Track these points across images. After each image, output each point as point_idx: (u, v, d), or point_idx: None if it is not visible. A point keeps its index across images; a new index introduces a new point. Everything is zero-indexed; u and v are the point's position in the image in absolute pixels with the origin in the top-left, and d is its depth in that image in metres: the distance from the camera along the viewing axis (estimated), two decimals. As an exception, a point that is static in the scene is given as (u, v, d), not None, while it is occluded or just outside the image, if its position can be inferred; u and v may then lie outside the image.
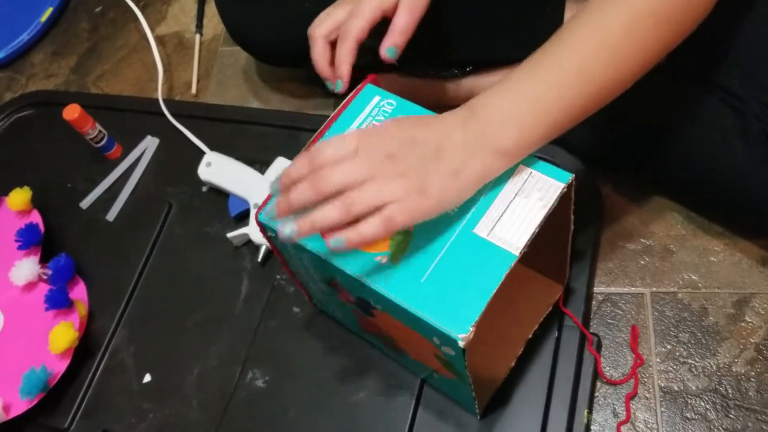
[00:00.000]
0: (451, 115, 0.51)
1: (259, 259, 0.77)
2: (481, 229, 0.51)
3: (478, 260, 0.50)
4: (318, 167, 0.49)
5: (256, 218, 0.57)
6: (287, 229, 0.49)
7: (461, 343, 0.48)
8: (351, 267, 0.52)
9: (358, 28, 0.60)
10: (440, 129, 0.50)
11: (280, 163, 0.80)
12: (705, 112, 0.63)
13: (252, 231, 0.77)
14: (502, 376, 0.64)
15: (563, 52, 0.50)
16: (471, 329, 0.47)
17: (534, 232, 0.50)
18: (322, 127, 0.59)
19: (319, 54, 0.63)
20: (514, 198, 0.51)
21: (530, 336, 0.65)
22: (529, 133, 0.49)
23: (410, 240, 0.52)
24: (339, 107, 0.60)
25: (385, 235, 0.48)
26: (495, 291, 0.48)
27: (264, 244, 0.76)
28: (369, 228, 0.48)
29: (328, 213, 0.48)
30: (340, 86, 0.61)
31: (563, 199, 0.51)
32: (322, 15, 0.64)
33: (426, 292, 0.50)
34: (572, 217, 0.57)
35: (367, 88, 0.61)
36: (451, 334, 0.48)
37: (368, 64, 0.80)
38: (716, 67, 0.63)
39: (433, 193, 0.48)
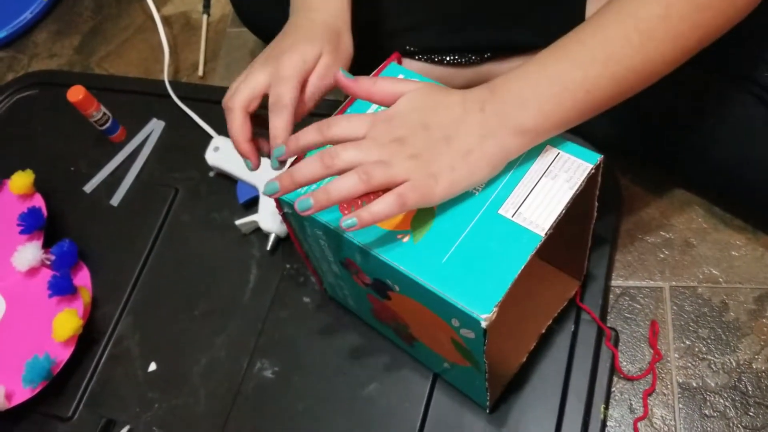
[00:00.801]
0: (471, 94, 0.49)
1: (268, 248, 0.75)
2: (507, 210, 0.49)
3: (502, 241, 0.48)
4: (329, 140, 0.48)
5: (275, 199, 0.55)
6: (302, 203, 0.48)
7: (484, 324, 0.46)
8: (371, 244, 0.51)
9: (290, 97, 0.54)
10: (456, 110, 0.49)
11: (290, 149, 0.78)
12: (735, 107, 0.61)
13: (261, 219, 0.75)
14: (513, 370, 0.62)
15: (591, 33, 0.47)
16: (494, 309, 0.46)
17: (561, 213, 0.48)
18: (345, 103, 0.58)
19: (237, 128, 0.56)
20: (540, 178, 0.50)
21: (543, 331, 0.64)
22: (550, 114, 0.48)
23: (433, 219, 0.50)
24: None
25: (397, 213, 0.47)
26: (520, 272, 0.47)
27: (273, 232, 0.74)
28: (381, 206, 0.47)
29: (345, 182, 0.47)
30: (275, 164, 0.53)
31: (590, 181, 0.50)
32: (236, 83, 0.57)
33: (448, 272, 0.48)
34: (596, 204, 0.55)
35: (391, 66, 0.59)
36: (474, 314, 0.46)
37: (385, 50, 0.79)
38: (747, 61, 0.61)
39: (443, 176, 0.47)
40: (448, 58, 0.78)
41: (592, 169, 0.49)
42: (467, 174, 0.48)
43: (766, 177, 0.61)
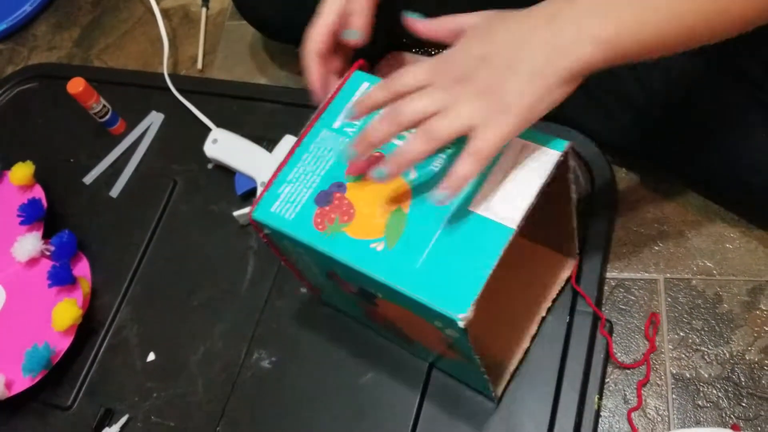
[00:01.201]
0: (536, 9, 0.46)
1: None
2: (477, 206, 0.49)
3: (475, 238, 0.48)
4: (394, 94, 0.48)
5: (250, 217, 0.56)
6: (376, 172, 0.48)
7: (461, 324, 0.46)
8: (347, 256, 0.51)
9: (316, 40, 0.59)
10: (516, 30, 0.46)
11: (288, 141, 0.78)
12: (732, 104, 0.62)
13: None
14: (517, 355, 0.63)
15: None
16: (470, 308, 0.46)
17: (531, 205, 0.48)
18: (311, 119, 0.58)
19: (308, 72, 0.60)
20: (510, 171, 0.50)
21: (544, 314, 0.64)
22: (631, 25, 0.43)
23: (405, 223, 0.51)
24: (328, 96, 0.58)
25: (479, 169, 0.46)
26: (493, 267, 0.47)
27: None
28: (462, 168, 0.46)
29: (414, 147, 0.46)
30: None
31: (560, 168, 0.50)
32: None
33: (423, 275, 0.48)
34: (572, 186, 0.55)
35: (355, 75, 0.59)
36: (451, 314, 0.47)
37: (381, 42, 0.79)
38: (746, 58, 0.61)
39: (514, 106, 0.45)
40: (441, 51, 0.78)
41: (560, 156, 0.49)
42: (538, 98, 0.45)
43: (759, 175, 0.61)
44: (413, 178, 0.52)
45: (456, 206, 0.50)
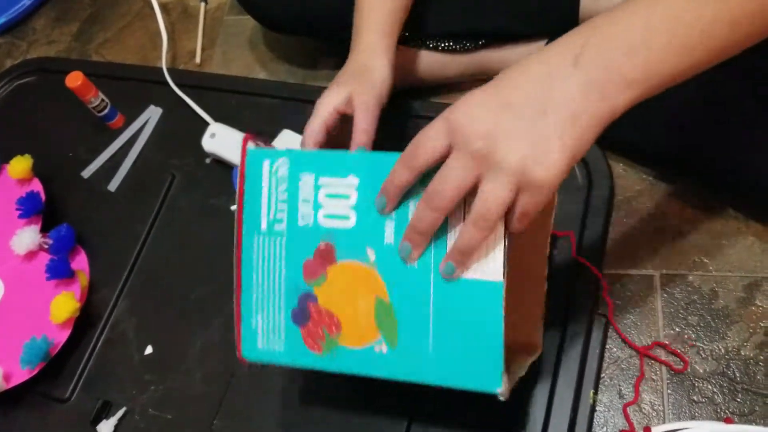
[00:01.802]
0: (553, 49, 0.41)
1: None
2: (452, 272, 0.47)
3: (468, 304, 0.47)
4: (419, 172, 0.45)
5: (240, 358, 0.54)
6: (447, 269, 0.46)
7: (501, 397, 0.46)
8: (359, 369, 0.50)
9: (314, 131, 0.62)
10: (537, 72, 0.41)
11: (286, 136, 0.78)
12: (733, 97, 0.62)
13: None
14: (539, 342, 0.60)
15: None
16: (504, 378, 0.46)
17: (505, 249, 0.45)
18: (237, 230, 0.55)
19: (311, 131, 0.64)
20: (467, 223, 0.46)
21: (546, 288, 0.60)
22: (661, 62, 0.40)
23: (395, 316, 0.49)
24: (237, 198, 0.54)
25: (528, 225, 0.43)
26: (502, 326, 0.46)
27: None
28: (521, 225, 0.44)
29: (470, 238, 0.44)
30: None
31: None
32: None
33: (441, 361, 0.48)
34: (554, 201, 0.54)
35: (250, 156, 0.53)
36: (489, 391, 0.46)
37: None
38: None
39: (556, 159, 0.40)
40: (443, 45, 0.78)
41: None
42: (580, 144, 0.41)
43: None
44: (374, 260, 0.49)
45: (433, 279, 0.47)
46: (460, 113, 0.42)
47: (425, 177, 0.45)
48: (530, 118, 0.40)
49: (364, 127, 0.61)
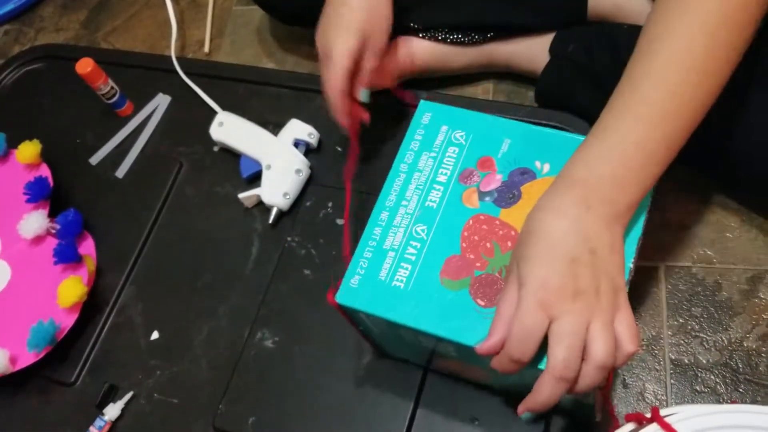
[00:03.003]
0: (561, 202, 0.47)
1: (270, 221, 0.76)
2: None
3: None
4: (531, 358, 0.46)
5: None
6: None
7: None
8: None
9: (336, 79, 0.65)
10: (567, 224, 0.46)
11: (294, 125, 0.79)
12: (739, 90, 0.62)
13: (264, 192, 0.76)
14: None
15: (653, 88, 0.47)
16: None
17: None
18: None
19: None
20: None
21: None
22: (645, 179, 0.48)
23: None
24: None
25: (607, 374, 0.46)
26: None
27: (275, 206, 0.76)
28: (591, 380, 0.45)
29: (595, 380, 0.45)
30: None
31: None
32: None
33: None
34: None
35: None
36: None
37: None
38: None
39: (620, 281, 0.47)
40: (451, 37, 0.79)
41: None
42: (620, 267, 0.48)
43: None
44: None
45: None
46: (540, 288, 0.45)
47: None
48: (590, 262, 0.45)
49: (369, 69, 0.66)
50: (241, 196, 0.77)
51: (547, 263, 0.45)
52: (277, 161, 0.77)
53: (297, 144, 0.78)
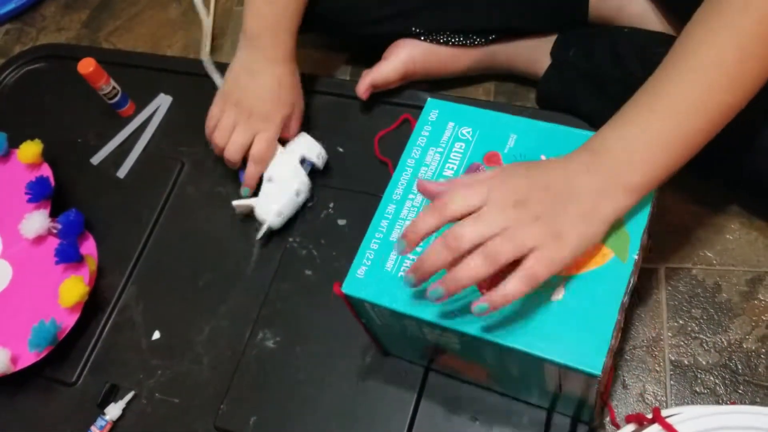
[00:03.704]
0: (569, 159, 0.50)
1: (258, 237, 0.75)
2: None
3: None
4: (449, 220, 0.48)
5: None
6: (434, 292, 0.48)
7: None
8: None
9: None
10: (564, 173, 0.49)
11: (304, 140, 0.77)
12: None
13: (259, 205, 0.75)
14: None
15: (681, 82, 0.48)
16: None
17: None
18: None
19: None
20: None
21: None
22: (657, 168, 0.48)
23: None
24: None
25: (529, 291, 0.46)
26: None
27: (266, 223, 0.74)
28: (513, 288, 0.46)
29: (475, 269, 0.46)
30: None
31: None
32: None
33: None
34: None
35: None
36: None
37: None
38: None
39: (569, 237, 0.47)
40: (453, 40, 0.79)
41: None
42: (587, 236, 0.48)
43: None
44: None
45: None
46: (500, 180, 0.48)
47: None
48: (555, 202, 0.47)
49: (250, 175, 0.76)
50: (235, 203, 0.76)
51: (523, 172, 0.49)
52: (279, 175, 0.75)
53: (303, 161, 0.77)
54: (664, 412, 0.44)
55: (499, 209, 0.47)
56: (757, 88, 0.49)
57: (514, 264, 0.46)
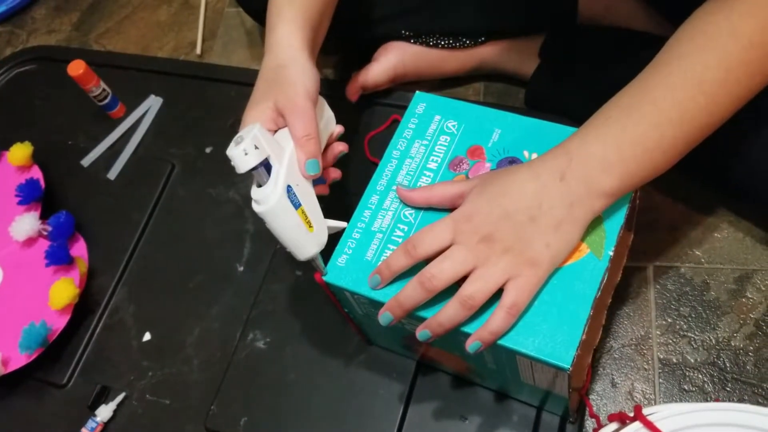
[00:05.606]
0: (542, 165, 0.49)
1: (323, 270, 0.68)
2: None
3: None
4: (418, 260, 0.50)
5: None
6: (421, 335, 0.50)
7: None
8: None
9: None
10: (530, 186, 0.49)
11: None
12: None
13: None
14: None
15: (662, 95, 0.48)
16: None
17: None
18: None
19: None
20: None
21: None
22: (633, 174, 0.48)
23: None
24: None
25: (514, 321, 0.48)
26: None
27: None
28: (500, 323, 0.47)
29: (454, 314, 0.48)
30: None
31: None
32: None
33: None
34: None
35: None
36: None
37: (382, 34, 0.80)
38: None
39: (542, 257, 0.48)
40: (442, 42, 0.79)
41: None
42: (563, 245, 0.49)
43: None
44: None
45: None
46: (461, 216, 0.49)
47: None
48: (523, 227, 0.48)
49: (303, 133, 0.54)
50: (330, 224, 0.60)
51: (485, 203, 0.49)
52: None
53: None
54: (645, 410, 0.44)
55: (468, 248, 0.48)
56: (732, 113, 0.49)
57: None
